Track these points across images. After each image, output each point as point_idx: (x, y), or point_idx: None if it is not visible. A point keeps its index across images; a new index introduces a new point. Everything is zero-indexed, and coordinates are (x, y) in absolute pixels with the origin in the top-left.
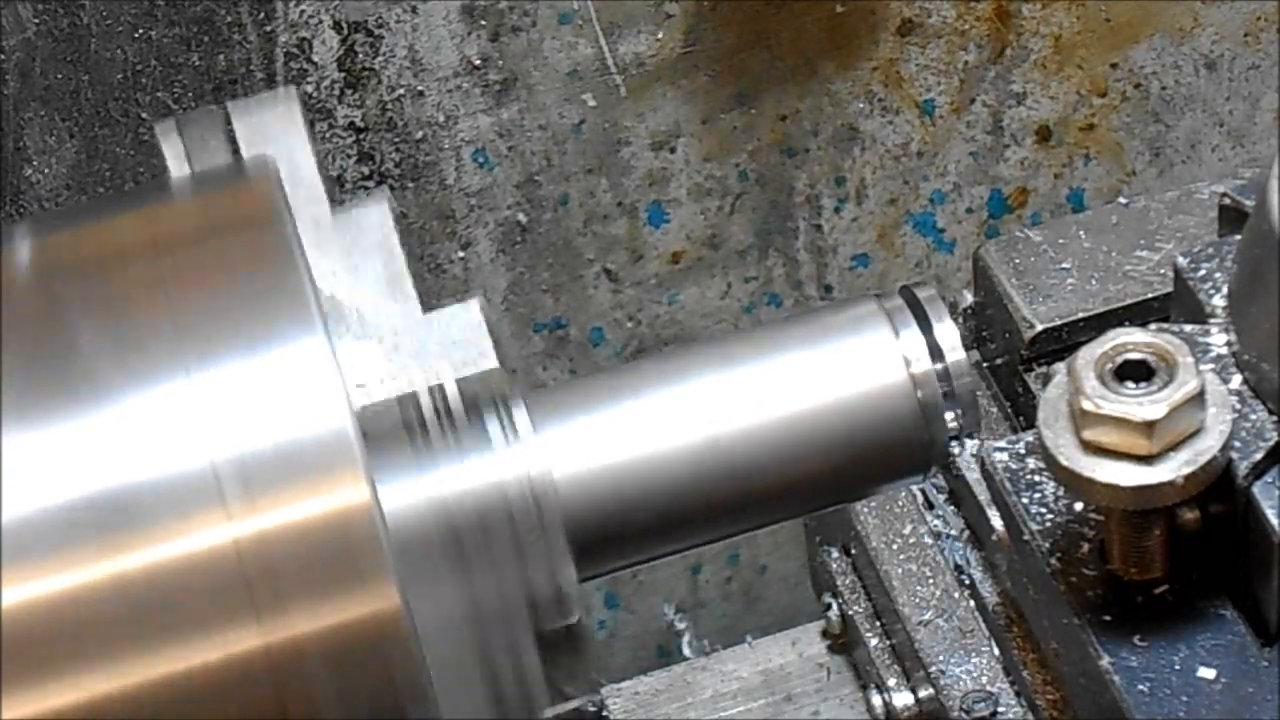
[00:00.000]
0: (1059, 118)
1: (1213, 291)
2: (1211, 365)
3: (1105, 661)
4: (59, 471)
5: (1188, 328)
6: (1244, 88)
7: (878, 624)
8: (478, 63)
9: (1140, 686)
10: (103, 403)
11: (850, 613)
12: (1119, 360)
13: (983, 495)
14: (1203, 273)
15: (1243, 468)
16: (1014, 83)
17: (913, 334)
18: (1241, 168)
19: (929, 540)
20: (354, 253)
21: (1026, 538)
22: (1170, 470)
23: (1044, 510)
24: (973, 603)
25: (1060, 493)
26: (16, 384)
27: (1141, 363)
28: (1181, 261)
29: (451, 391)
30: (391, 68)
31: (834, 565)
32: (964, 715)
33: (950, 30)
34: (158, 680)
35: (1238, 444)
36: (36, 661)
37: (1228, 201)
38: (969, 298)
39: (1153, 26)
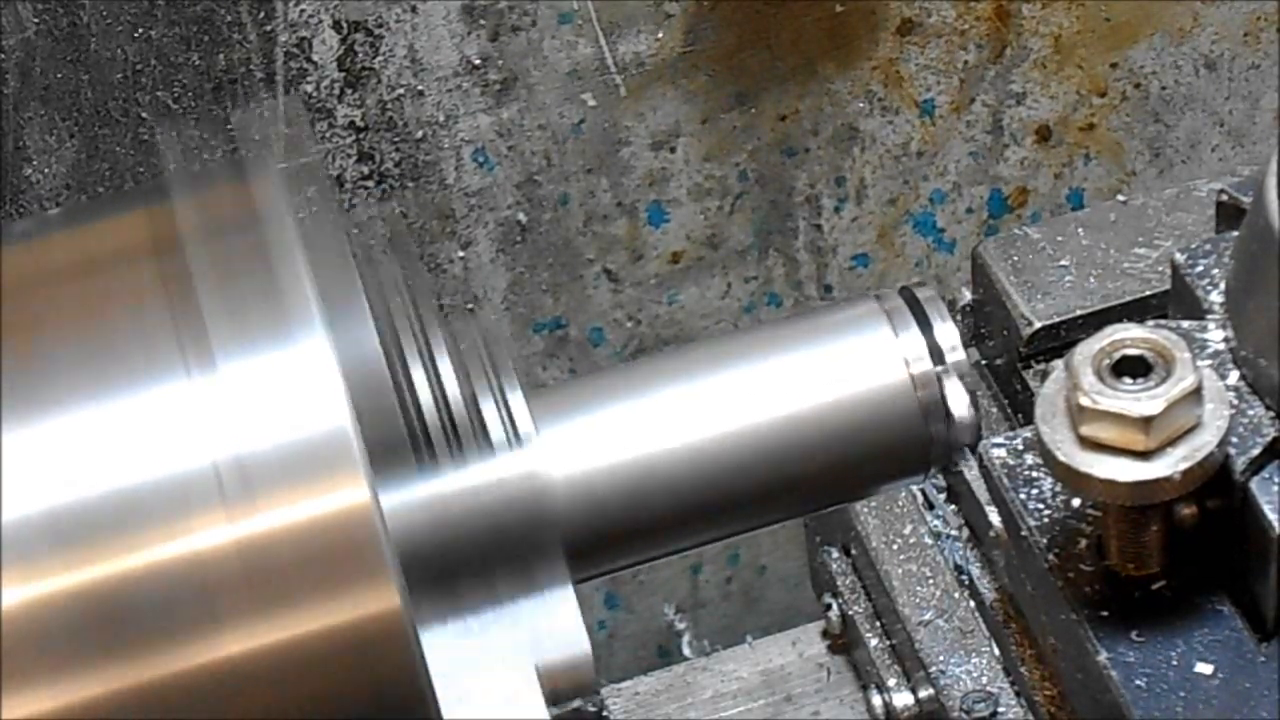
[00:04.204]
0: (1059, 117)
1: (1210, 288)
2: (1209, 361)
3: (1103, 657)
4: (59, 470)
5: (1185, 324)
6: (1244, 88)
7: (878, 624)
8: (478, 62)
9: (1138, 682)
10: (103, 401)
11: (850, 613)
12: (1116, 356)
13: (981, 492)
14: (1200, 269)
15: (1240, 463)
16: (1014, 82)
17: (912, 334)
18: (1241, 167)
19: (929, 540)
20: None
21: (1024, 534)
22: (1167, 466)
23: (1041, 506)
24: (973, 603)
25: (1058, 489)
26: (17, 382)
27: (1139, 359)
28: (1179, 258)
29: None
30: (391, 67)
31: (834, 565)
32: (964, 715)
33: (950, 30)
34: (157, 680)
35: (1235, 439)
36: (37, 662)
37: (1225, 198)
38: (967, 295)
39: (1153, 26)
